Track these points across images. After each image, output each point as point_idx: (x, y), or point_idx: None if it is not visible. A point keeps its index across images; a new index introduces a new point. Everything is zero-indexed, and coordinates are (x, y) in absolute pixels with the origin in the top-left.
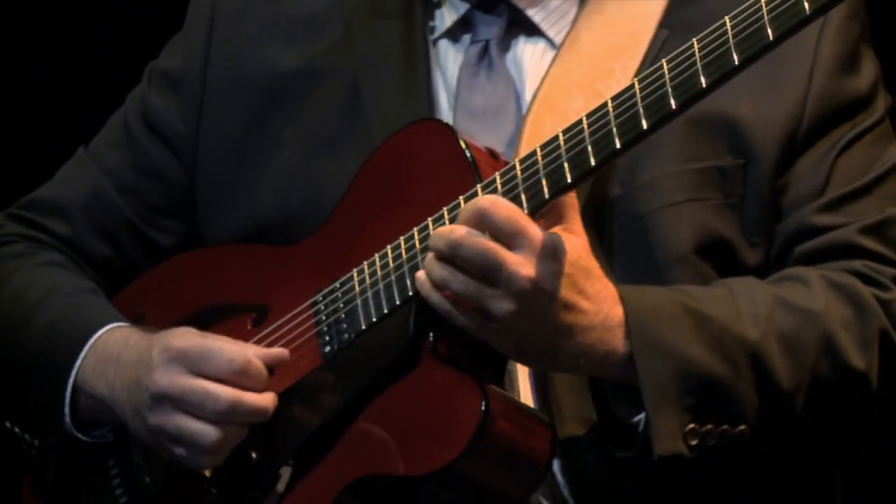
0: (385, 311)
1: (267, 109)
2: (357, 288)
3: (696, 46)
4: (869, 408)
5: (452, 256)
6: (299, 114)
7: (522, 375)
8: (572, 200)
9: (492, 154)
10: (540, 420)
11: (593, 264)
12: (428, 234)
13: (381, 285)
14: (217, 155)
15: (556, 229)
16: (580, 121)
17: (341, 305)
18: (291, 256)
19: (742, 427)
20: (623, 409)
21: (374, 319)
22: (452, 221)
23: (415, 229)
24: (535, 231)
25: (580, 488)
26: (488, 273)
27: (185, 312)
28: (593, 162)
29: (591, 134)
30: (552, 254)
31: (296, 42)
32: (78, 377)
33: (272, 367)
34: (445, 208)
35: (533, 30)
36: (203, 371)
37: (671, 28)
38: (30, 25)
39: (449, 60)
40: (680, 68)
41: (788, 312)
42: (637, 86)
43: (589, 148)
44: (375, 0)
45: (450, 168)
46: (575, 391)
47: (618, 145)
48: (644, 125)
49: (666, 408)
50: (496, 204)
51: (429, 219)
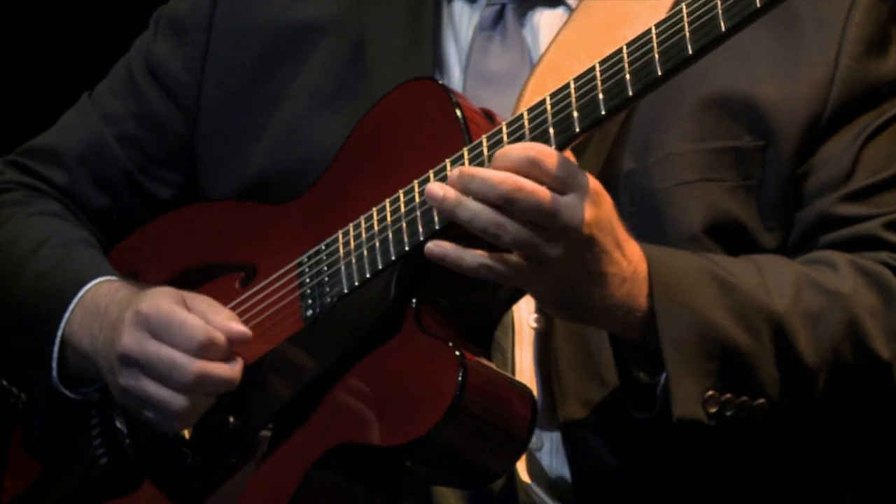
0: (368, 276)
1: (271, 63)
2: (341, 251)
3: (685, 11)
4: (890, 400)
5: (506, 207)
6: (302, 69)
7: (520, 352)
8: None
9: (487, 115)
10: (521, 391)
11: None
12: (413, 197)
13: (365, 249)
14: (219, 107)
15: None
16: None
17: (325, 268)
18: (283, 216)
19: (761, 401)
20: (641, 372)
21: (357, 283)
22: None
23: (400, 192)
24: (584, 177)
25: (580, 469)
26: (543, 220)
27: (178, 269)
28: (577, 129)
29: (577, 99)
30: (598, 201)
31: None
32: (66, 330)
33: (235, 346)
34: (432, 171)
35: None
36: (166, 341)
37: None
38: None
39: (463, 22)
40: (668, 33)
41: (816, 292)
42: (625, 50)
43: (575, 114)
44: None
45: (441, 129)
46: (577, 370)
47: (603, 112)
48: (629, 92)
49: (686, 370)
50: (547, 151)
51: (415, 181)
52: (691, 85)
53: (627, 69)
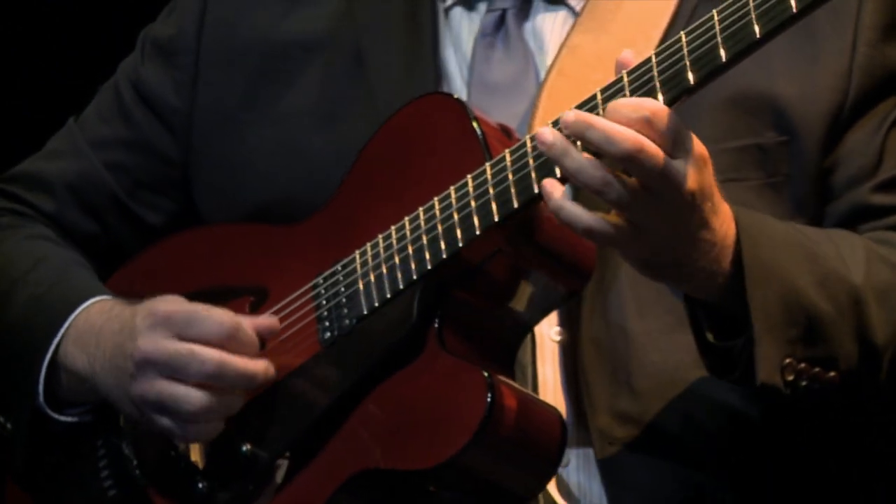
0: (388, 296)
1: (264, 81)
2: (359, 271)
3: (717, 18)
4: None
5: (623, 164)
6: (297, 87)
7: (543, 367)
8: None
9: (505, 131)
10: (550, 412)
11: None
12: (434, 214)
13: (385, 268)
14: (213, 130)
15: None
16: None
17: (342, 289)
18: (292, 237)
19: (833, 374)
20: (712, 335)
21: (377, 304)
22: (459, 200)
23: (420, 209)
24: (692, 139)
25: (613, 485)
26: (652, 182)
27: (183, 294)
28: None
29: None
30: (702, 166)
31: (294, 9)
32: (59, 353)
33: (264, 339)
34: (452, 188)
35: None
36: (190, 335)
37: None
38: None
39: (463, 30)
40: (699, 41)
41: (884, 266)
42: (654, 59)
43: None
44: None
45: (459, 145)
46: (606, 380)
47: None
48: (661, 100)
49: (770, 334)
50: (660, 109)
51: (434, 199)
52: (709, 85)
53: (657, 78)
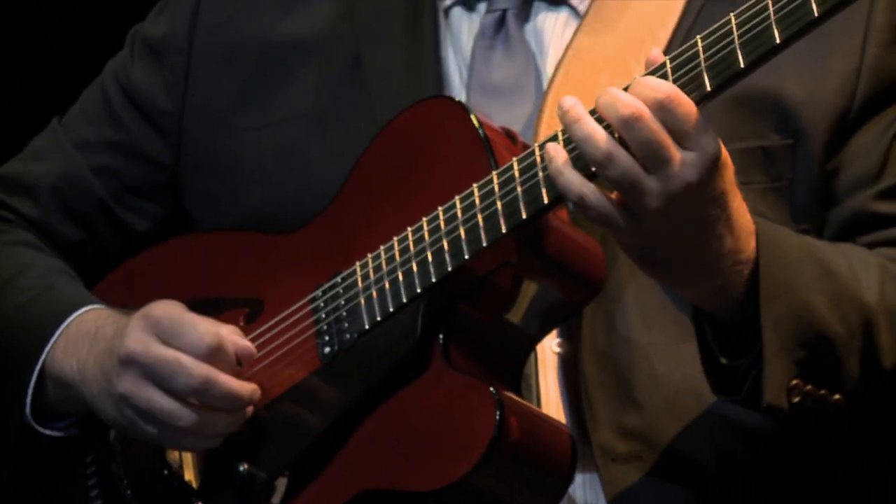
0: (391, 310)
1: (258, 84)
2: (360, 283)
3: (734, 22)
4: None
5: (623, 130)
6: (293, 89)
7: (545, 380)
8: None
9: (509, 135)
10: (560, 429)
11: (735, 182)
12: (439, 225)
13: (387, 281)
14: (204, 133)
15: None
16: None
17: (343, 303)
18: (289, 246)
19: (838, 397)
20: (718, 352)
21: (379, 318)
22: (465, 211)
23: (424, 220)
24: (713, 142)
25: (619, 501)
26: (652, 164)
27: None
28: None
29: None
30: (717, 170)
31: (291, 10)
32: (47, 361)
33: (241, 360)
34: (458, 198)
35: None
36: (174, 345)
37: None
38: None
39: (462, 31)
40: (716, 47)
41: None
42: (668, 65)
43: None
44: None
45: (462, 151)
46: (608, 394)
47: None
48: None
49: (780, 354)
50: (681, 97)
51: (439, 208)
52: None
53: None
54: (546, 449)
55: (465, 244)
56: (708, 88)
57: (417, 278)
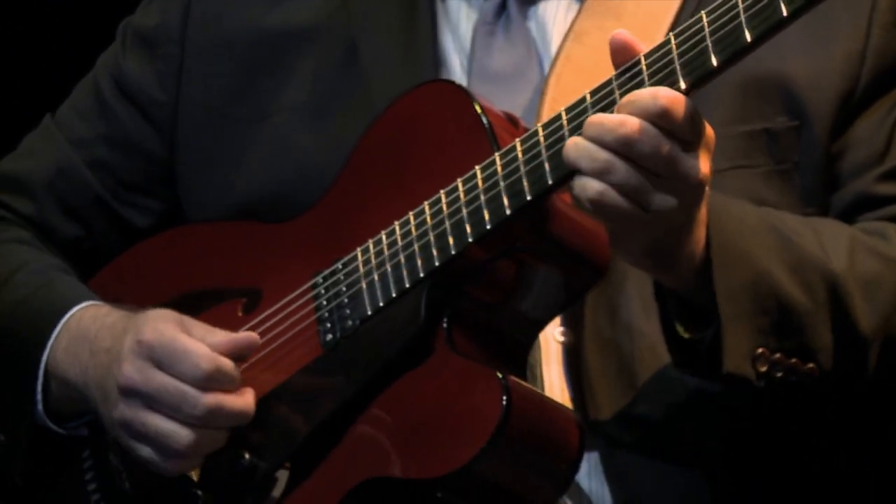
0: (393, 295)
1: (253, 74)
2: (362, 269)
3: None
4: None
5: (624, 150)
6: (288, 79)
7: (548, 369)
8: None
9: (510, 119)
10: (567, 415)
11: None
12: (441, 209)
13: (389, 266)
14: (199, 125)
15: None
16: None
17: (344, 289)
18: (286, 234)
19: (811, 365)
20: (682, 327)
21: (381, 304)
22: (468, 193)
23: (426, 203)
24: (705, 125)
25: (622, 490)
26: (661, 169)
27: (170, 298)
28: None
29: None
30: (711, 150)
31: None
32: (49, 360)
33: (244, 355)
34: (460, 180)
35: None
36: (172, 373)
37: None
38: None
39: (461, 18)
40: (721, 21)
41: (870, 256)
42: (673, 41)
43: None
44: None
45: (463, 135)
46: (611, 382)
47: None
48: (682, 85)
49: (738, 323)
50: (679, 100)
51: (441, 192)
52: None
53: (676, 61)
54: (553, 434)
55: (469, 227)
56: (714, 65)
57: (420, 262)
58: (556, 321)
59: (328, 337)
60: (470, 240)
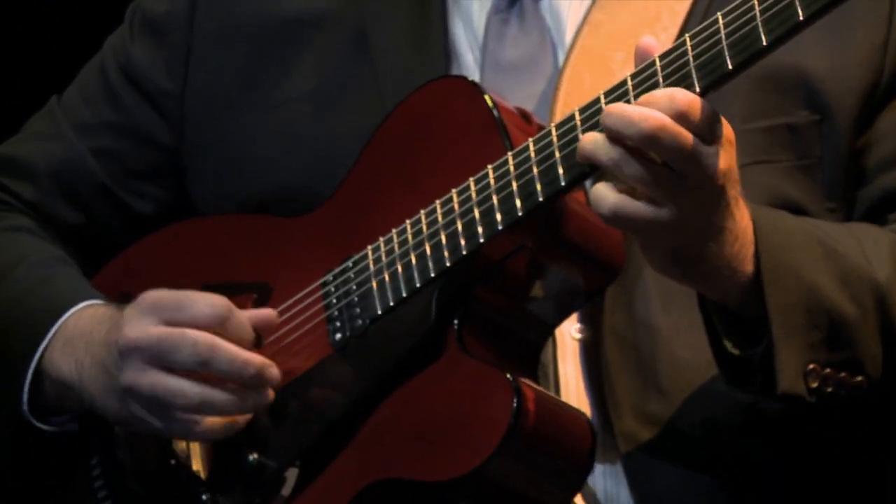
0: (404, 295)
1: (262, 63)
2: (372, 268)
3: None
4: None
5: (645, 144)
6: (298, 68)
7: (564, 366)
8: None
9: (524, 115)
10: (578, 417)
11: None
12: (452, 208)
13: (400, 265)
14: (207, 114)
15: None
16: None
17: (354, 287)
18: (297, 230)
19: (860, 378)
20: (730, 343)
21: (392, 304)
22: (480, 193)
23: (437, 202)
24: (723, 124)
25: (641, 491)
26: (681, 166)
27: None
28: None
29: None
30: (731, 150)
31: None
32: (44, 359)
33: (260, 332)
34: (472, 179)
35: None
36: (180, 319)
37: None
38: None
39: (473, 8)
40: (737, 23)
41: None
42: (688, 43)
43: None
44: None
45: (476, 132)
46: (631, 380)
47: None
48: (697, 88)
49: (790, 340)
50: (696, 101)
51: (453, 190)
52: None
53: (692, 63)
54: (564, 436)
55: (480, 227)
56: (729, 67)
57: (431, 262)
58: (573, 317)
59: (337, 336)
60: (481, 240)
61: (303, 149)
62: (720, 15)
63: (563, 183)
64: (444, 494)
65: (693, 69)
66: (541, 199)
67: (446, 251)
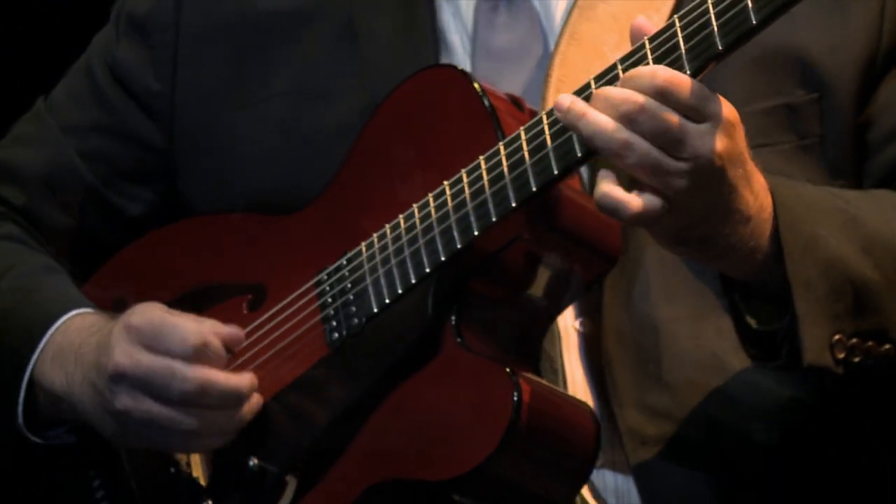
0: (399, 292)
1: (249, 58)
2: (367, 265)
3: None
4: None
5: (628, 125)
6: (286, 62)
7: (569, 360)
8: None
9: (515, 102)
10: (582, 409)
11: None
12: (445, 201)
13: (394, 262)
14: (196, 112)
15: None
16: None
17: (349, 286)
18: (290, 228)
19: (887, 346)
20: (754, 320)
21: (388, 301)
22: (472, 185)
23: (430, 196)
24: (718, 104)
25: (646, 485)
26: (669, 147)
27: (173, 296)
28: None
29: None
30: (732, 132)
31: None
32: (35, 370)
33: (230, 350)
34: (464, 171)
35: None
36: (159, 350)
37: None
38: None
39: None
40: (727, 2)
41: None
42: (677, 24)
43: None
44: None
45: (467, 121)
46: (632, 373)
47: None
48: (687, 70)
49: (816, 311)
50: (679, 78)
51: (445, 183)
52: None
53: (682, 45)
54: (567, 430)
55: (474, 220)
56: (719, 48)
57: (426, 257)
58: (575, 310)
59: (334, 336)
60: (476, 233)
61: (292, 142)
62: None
63: (556, 172)
64: (449, 493)
65: (683, 51)
66: (534, 189)
67: (440, 245)
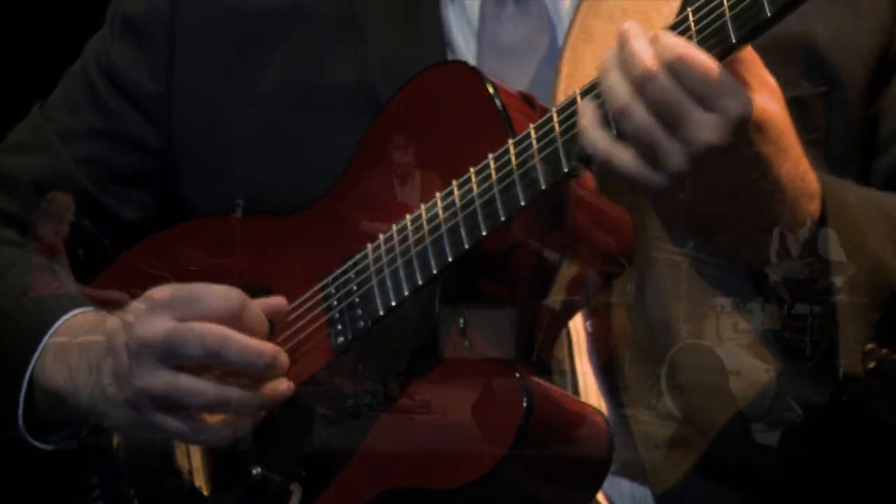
0: (406, 294)
1: (247, 55)
2: (373, 267)
3: None
4: None
5: (637, 88)
6: (284, 58)
7: (581, 362)
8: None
9: (526, 100)
10: (593, 414)
11: (793, 143)
12: (453, 201)
13: (401, 262)
14: (194, 113)
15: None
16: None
17: (355, 288)
18: (295, 228)
19: None
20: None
21: (394, 303)
22: (481, 184)
23: (438, 195)
24: (740, 103)
25: (663, 490)
26: (668, 124)
27: None
28: None
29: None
30: (741, 130)
31: None
32: (36, 372)
33: (272, 320)
34: (473, 170)
35: None
36: (193, 314)
37: None
38: None
39: None
40: None
41: None
42: (691, 17)
43: None
44: None
45: (477, 119)
46: (643, 376)
47: None
48: None
49: (853, 320)
50: (693, 57)
51: (454, 182)
52: None
53: (695, 38)
54: (580, 434)
55: (482, 220)
56: (733, 40)
57: (433, 258)
58: (586, 312)
59: (339, 340)
60: (483, 233)
61: (291, 142)
62: None
63: (566, 169)
64: (458, 501)
65: (696, 44)
66: (543, 188)
67: (448, 246)
